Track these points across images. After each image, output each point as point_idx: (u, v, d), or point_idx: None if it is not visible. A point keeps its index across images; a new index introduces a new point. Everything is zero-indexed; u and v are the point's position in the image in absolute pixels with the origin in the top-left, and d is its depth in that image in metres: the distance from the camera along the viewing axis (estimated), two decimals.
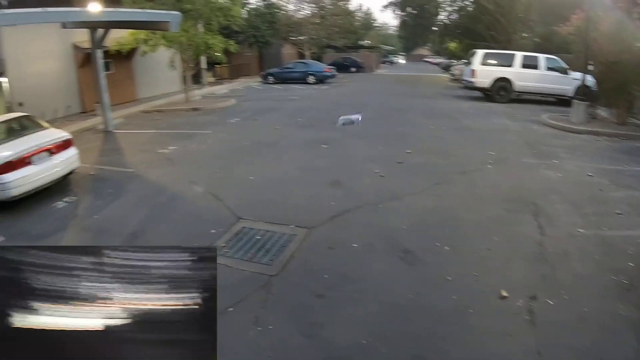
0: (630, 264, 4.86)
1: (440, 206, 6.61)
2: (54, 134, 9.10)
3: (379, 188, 7.49)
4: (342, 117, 12.61)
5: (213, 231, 6.16)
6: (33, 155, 8.26)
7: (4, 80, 20.66)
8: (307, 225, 6.07)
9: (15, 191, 7.99)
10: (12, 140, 8.83)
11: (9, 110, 20.60)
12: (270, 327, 4.03)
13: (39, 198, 8.40)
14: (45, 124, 9.78)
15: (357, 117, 12.47)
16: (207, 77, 31.14)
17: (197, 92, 22.88)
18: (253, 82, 31.73)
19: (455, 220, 6.08)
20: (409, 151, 9.63)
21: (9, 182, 7.90)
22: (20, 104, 18.63)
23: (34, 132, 9.17)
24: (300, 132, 12.49)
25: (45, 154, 8.47)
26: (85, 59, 21.46)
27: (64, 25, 16.03)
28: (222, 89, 27.63)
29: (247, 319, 4.17)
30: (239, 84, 30.90)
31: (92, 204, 8.28)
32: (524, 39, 27.39)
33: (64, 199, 8.46)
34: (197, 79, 26.91)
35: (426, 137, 11.25)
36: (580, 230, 5.66)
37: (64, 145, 8.95)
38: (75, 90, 22.36)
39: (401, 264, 4.95)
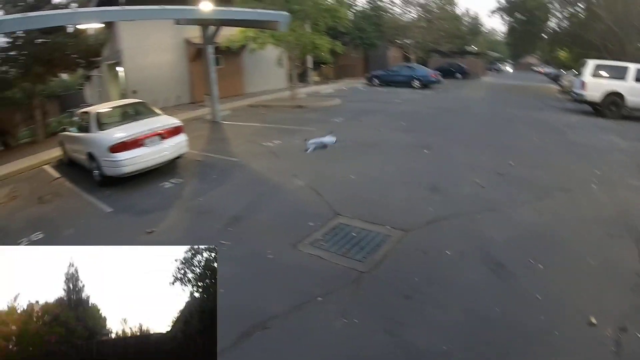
0: None
1: (539, 222, 6.38)
2: (166, 121, 9.89)
3: (478, 198, 7.36)
4: (311, 141, 10.87)
5: (311, 224, 6.42)
6: (146, 138, 9.06)
7: (120, 69, 22.52)
8: (403, 227, 6.13)
9: (127, 169, 8.84)
10: (128, 123, 9.68)
11: (123, 96, 22.53)
12: (356, 320, 4.18)
13: (148, 177, 9.19)
14: (158, 111, 10.62)
15: (331, 139, 10.92)
16: (313, 76, 31.77)
17: (303, 90, 23.43)
18: (358, 83, 31.92)
19: (552, 238, 5.84)
20: (511, 163, 9.33)
21: (122, 160, 8.73)
22: (134, 92, 20.30)
23: (147, 117, 10.00)
24: (403, 136, 12.46)
25: (157, 137, 9.25)
26: (196, 53, 22.91)
27: (177, 22, 16.90)
28: (327, 88, 28.08)
29: (334, 310, 4.35)
30: (344, 84, 31.23)
31: (197, 187, 8.91)
32: (638, 49, 25.18)
33: (171, 180, 9.21)
34: (302, 77, 27.58)
35: (530, 149, 10.81)
36: None
37: (175, 131, 9.70)
38: (185, 82, 23.92)
39: (492, 276, 4.87)
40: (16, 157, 13.34)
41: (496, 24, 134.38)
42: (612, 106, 16.79)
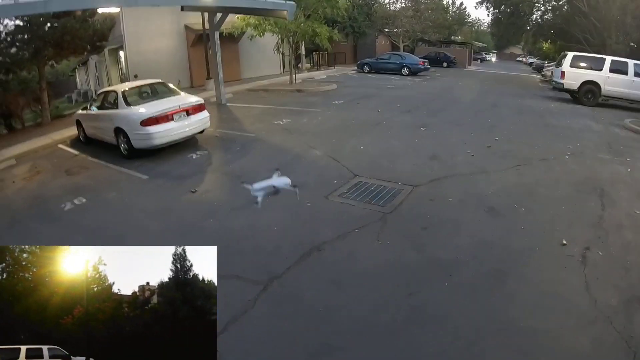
0: None
1: (521, 181, 7.84)
2: (189, 98, 10.85)
3: (470, 164, 8.81)
4: (256, 186, 6.95)
5: (335, 182, 7.77)
6: (174, 113, 10.00)
7: (122, 54, 23.28)
8: (411, 184, 7.54)
9: (157, 141, 9.78)
10: (154, 100, 10.58)
11: (124, 81, 23.17)
12: (388, 242, 5.57)
13: (173, 150, 10.22)
14: (178, 90, 11.52)
15: (285, 181, 7.28)
16: (305, 63, 32.90)
17: (297, 76, 24.36)
18: (348, 70, 33.08)
19: (532, 192, 7.33)
20: (497, 139, 10.78)
21: (153, 133, 9.67)
22: (135, 76, 21.01)
23: (172, 95, 10.94)
24: (400, 116, 13.85)
25: (183, 114, 10.19)
26: (196, 39, 23.63)
27: (182, 8, 17.50)
28: (320, 74, 29.18)
29: (370, 237, 5.73)
30: (335, 71, 32.30)
31: (224, 157, 10.03)
32: (618, 43, 26.91)
33: (197, 152, 10.25)
34: (295, 64, 28.69)
35: (513, 129, 12.26)
36: (637, 211, 6.66)
37: (199, 108, 10.67)
38: (185, 66, 24.65)
39: (486, 215, 6.34)
40: (26, 139, 13.86)
41: (482, 15, 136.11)
42: (588, 94, 18.39)
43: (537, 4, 35.99)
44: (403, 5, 42.73)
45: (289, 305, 4.38)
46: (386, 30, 43.24)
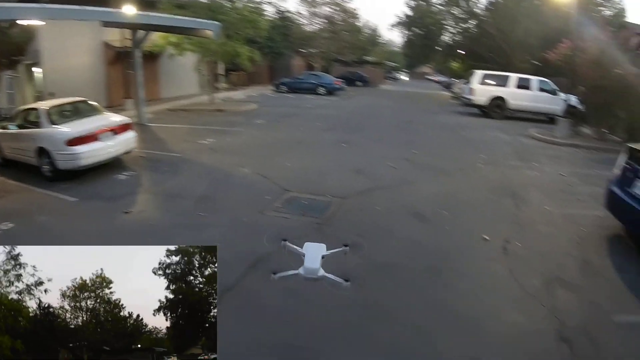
0: (582, 229, 6.68)
1: (441, 190, 8.55)
2: (115, 118, 10.73)
3: (393, 176, 9.44)
4: (311, 268, 3.80)
5: (267, 197, 7.99)
6: (101, 133, 9.82)
7: (38, 70, 22.26)
8: (341, 196, 7.95)
9: (84, 162, 9.50)
10: (79, 119, 10.30)
11: (39, 99, 22.08)
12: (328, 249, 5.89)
13: (101, 171, 10.00)
14: (102, 109, 11.32)
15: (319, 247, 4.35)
16: (222, 82, 33.04)
17: (216, 96, 24.54)
18: (266, 90, 33.71)
19: (452, 198, 8.02)
20: (415, 152, 11.57)
21: (79, 153, 9.40)
22: (51, 94, 20.01)
23: (96, 114, 10.72)
24: (322, 134, 14.46)
25: (110, 133, 10.04)
26: (114, 57, 23.02)
27: (105, 24, 17.19)
28: (239, 94, 29.48)
29: None
30: (253, 91, 32.74)
31: (153, 177, 9.98)
32: (523, 62, 29.39)
33: (124, 173, 10.09)
34: (213, 83, 28.79)
35: (429, 143, 13.19)
36: (547, 207, 7.54)
37: (126, 127, 10.55)
38: (102, 85, 23.83)
39: (414, 220, 6.88)
40: None
41: (393, 36, 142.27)
42: (496, 109, 20.18)
43: (446, 26, 38.40)
44: (320, 26, 44.04)
45: (247, 313, 4.54)
46: (303, 50, 44.31)
